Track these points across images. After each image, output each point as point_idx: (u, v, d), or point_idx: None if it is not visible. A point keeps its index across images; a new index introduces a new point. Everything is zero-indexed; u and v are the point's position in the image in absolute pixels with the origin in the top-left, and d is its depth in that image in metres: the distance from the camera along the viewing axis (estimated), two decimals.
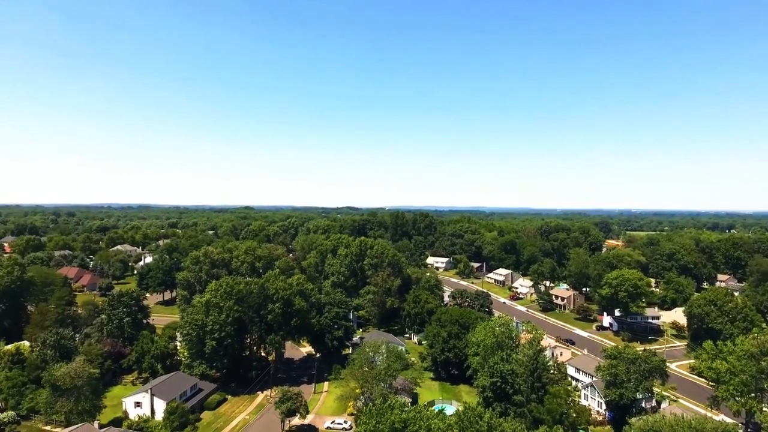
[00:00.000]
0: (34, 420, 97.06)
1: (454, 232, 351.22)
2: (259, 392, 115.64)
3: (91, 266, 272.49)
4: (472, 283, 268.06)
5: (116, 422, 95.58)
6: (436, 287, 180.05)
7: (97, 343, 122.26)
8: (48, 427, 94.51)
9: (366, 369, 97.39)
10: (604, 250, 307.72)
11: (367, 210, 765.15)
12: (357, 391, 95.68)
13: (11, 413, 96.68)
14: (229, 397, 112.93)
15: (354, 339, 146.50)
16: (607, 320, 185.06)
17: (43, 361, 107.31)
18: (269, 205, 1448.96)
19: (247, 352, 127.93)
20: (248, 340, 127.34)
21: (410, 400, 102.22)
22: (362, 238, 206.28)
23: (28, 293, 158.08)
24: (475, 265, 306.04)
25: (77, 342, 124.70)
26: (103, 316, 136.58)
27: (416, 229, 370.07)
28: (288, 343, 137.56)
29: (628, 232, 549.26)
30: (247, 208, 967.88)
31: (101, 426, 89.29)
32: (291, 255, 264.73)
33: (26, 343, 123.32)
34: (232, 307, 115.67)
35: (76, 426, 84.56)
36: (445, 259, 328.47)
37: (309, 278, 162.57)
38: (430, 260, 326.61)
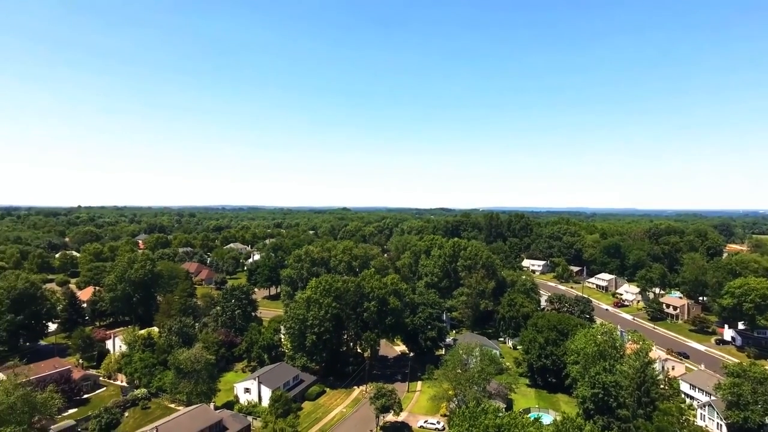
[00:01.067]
0: (161, 398, 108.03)
1: (551, 234, 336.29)
2: (355, 387, 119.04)
3: (208, 262, 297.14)
4: (571, 287, 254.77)
5: (228, 405, 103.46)
6: (532, 291, 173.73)
7: (213, 332, 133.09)
8: (172, 405, 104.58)
9: (459, 371, 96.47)
10: (725, 255, 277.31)
11: (460, 211, 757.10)
12: (450, 392, 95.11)
13: (144, 390, 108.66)
14: (328, 389, 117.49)
15: (447, 340, 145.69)
16: (728, 333, 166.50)
17: (169, 345, 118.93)
18: (365, 207, 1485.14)
19: (344, 348, 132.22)
20: (345, 336, 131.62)
21: (504, 406, 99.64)
22: (455, 239, 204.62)
23: (158, 285, 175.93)
24: (575, 269, 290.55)
25: (196, 330, 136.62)
26: (218, 308, 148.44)
27: (511, 231, 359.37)
28: (383, 341, 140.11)
29: (754, 235, 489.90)
30: (344, 209, 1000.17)
31: (216, 407, 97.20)
32: (386, 255, 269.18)
33: (155, 329, 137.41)
34: (331, 303, 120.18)
35: (195, 406, 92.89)
36: (541, 262, 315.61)
37: (403, 278, 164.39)
38: (526, 263, 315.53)
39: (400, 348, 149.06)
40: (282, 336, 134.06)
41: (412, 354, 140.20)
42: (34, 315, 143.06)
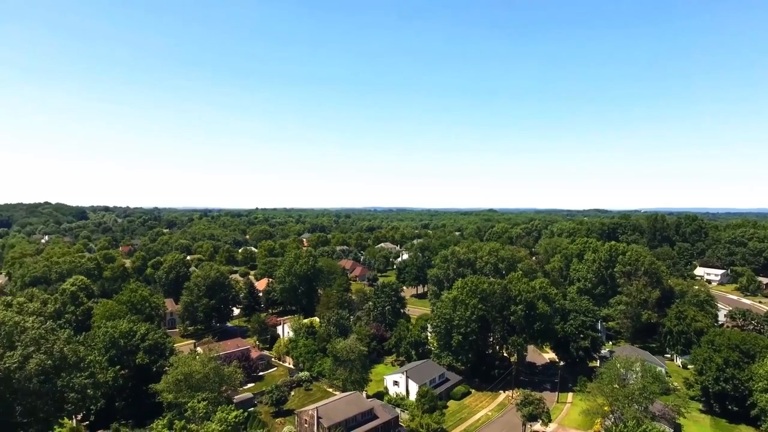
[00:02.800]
0: (321, 382, 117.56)
1: (733, 239, 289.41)
2: (501, 391, 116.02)
3: (361, 260, 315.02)
4: (759, 302, 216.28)
5: (379, 395, 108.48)
6: (707, 303, 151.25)
7: (366, 326, 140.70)
8: (330, 389, 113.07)
9: (616, 386, 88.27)
10: None
11: (617, 212, 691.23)
12: (605, 408, 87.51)
13: (306, 373, 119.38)
14: (473, 391, 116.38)
15: (602, 351, 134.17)
16: None
17: (327, 335, 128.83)
18: (512, 208, 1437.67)
19: (490, 350, 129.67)
20: (491, 339, 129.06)
21: (671, 430, 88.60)
22: (612, 242, 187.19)
23: (318, 279, 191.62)
24: (764, 280, 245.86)
25: (351, 323, 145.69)
26: (370, 303, 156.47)
27: (680, 235, 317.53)
28: (530, 347, 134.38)
29: None
30: (490, 210, 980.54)
31: (368, 396, 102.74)
32: (534, 258, 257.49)
33: (317, 319, 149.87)
34: (477, 305, 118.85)
35: (350, 393, 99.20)
36: (720, 271, 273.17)
37: (552, 283, 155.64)
38: (699, 271, 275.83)
39: (549, 356, 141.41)
40: (429, 334, 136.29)
41: (562, 363, 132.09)
42: (222, 300, 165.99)
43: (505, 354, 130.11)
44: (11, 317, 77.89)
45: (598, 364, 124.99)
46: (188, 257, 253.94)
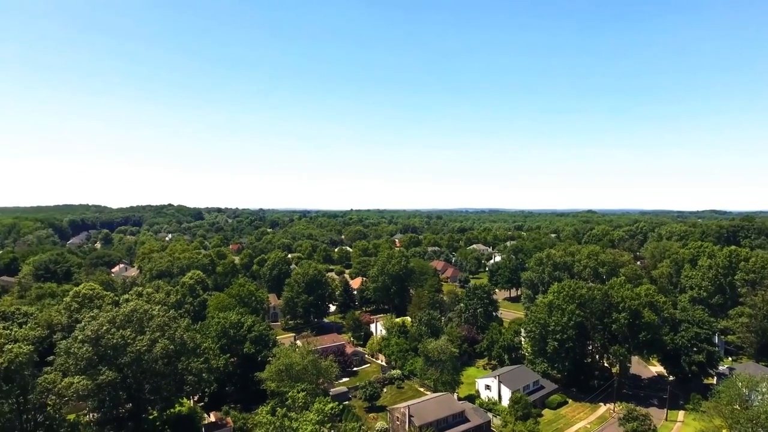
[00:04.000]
0: (413, 380, 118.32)
1: None
2: (602, 404, 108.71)
3: (453, 261, 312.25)
4: None
5: (470, 398, 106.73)
6: None
7: (457, 327, 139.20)
8: (421, 389, 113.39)
9: (737, 407, 79.00)
10: None
11: (738, 214, 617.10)
12: (723, 431, 78.69)
13: (398, 371, 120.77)
14: (570, 401, 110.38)
15: (720, 368, 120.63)
16: None
17: (419, 334, 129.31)
18: (613, 209, 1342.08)
19: (589, 360, 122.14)
20: (590, 348, 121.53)
21: None
22: (733, 247, 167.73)
23: (410, 279, 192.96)
24: None
25: (442, 323, 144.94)
26: (462, 305, 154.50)
27: None
28: (634, 358, 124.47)
29: None
30: (589, 211, 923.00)
31: (459, 398, 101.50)
32: (639, 263, 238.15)
33: (408, 319, 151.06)
34: (574, 311, 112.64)
35: (441, 393, 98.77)
36: None
37: (660, 290, 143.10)
38: None
39: (656, 369, 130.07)
40: (522, 339, 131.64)
41: (671, 378, 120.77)
42: (320, 297, 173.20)
43: (605, 364, 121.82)
44: (142, 305, 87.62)
45: (714, 382, 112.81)
46: (289, 255, 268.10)
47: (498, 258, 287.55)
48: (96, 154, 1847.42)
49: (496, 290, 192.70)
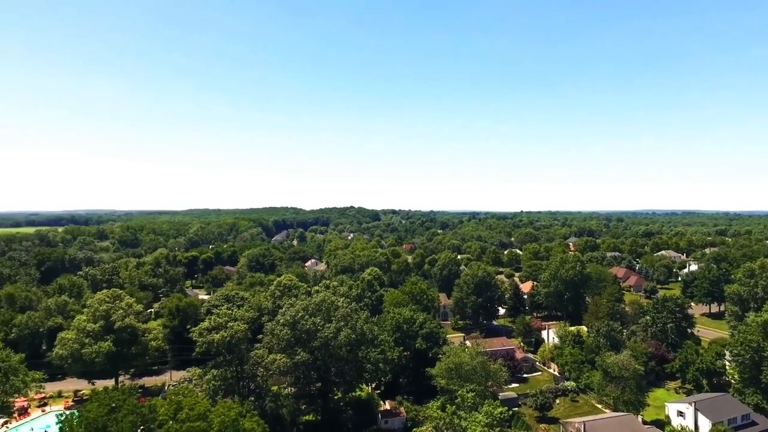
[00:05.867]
0: (589, 395, 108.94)
1: None
2: None
3: (636, 268, 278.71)
4: None
5: (658, 424, 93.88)
6: None
7: (642, 342, 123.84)
8: (599, 405, 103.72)
9: None
10: None
11: None
12: None
13: (573, 383, 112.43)
14: None
15: None
16: None
17: (596, 346, 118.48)
18: None
19: None
20: None
21: None
22: None
23: (586, 286, 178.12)
24: None
25: (624, 336, 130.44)
26: (648, 318, 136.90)
27: None
28: None
29: None
30: None
31: (644, 422, 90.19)
32: None
33: (584, 328, 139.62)
34: None
35: (622, 414, 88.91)
36: None
37: None
38: None
39: None
40: (727, 363, 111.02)
41: None
42: (489, 299, 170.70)
43: None
44: (329, 297, 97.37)
45: None
46: (458, 256, 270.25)
47: (694, 267, 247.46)
48: (292, 166, 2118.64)
49: (692, 304, 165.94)
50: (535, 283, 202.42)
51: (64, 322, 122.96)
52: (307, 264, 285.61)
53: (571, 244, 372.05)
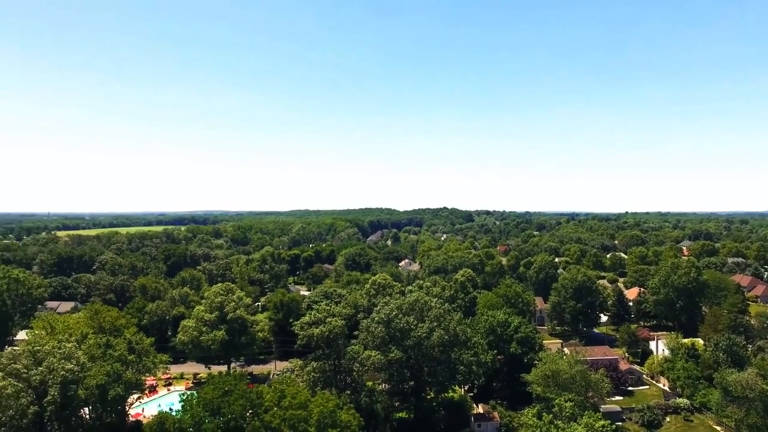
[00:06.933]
0: (705, 415, 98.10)
1: None
2: None
3: (765, 277, 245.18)
4: None
5: None
6: None
7: None
8: (718, 428, 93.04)
9: None
10: None
11: None
12: None
13: (686, 401, 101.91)
14: None
15: None
16: None
17: (715, 362, 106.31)
18: None
19: None
20: None
21: None
22: None
23: (702, 295, 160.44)
24: None
25: (749, 353, 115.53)
26: None
27: None
28: None
29: None
30: None
31: None
32: None
33: (700, 341, 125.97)
34: None
35: None
36: None
37: None
38: None
39: None
40: None
41: None
42: (589, 305, 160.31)
43: None
44: (422, 297, 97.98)
45: None
46: (556, 259, 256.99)
47: None
48: (387, 167, 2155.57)
49: None
50: (641, 289, 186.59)
51: (185, 311, 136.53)
52: (400, 264, 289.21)
53: (684, 248, 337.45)
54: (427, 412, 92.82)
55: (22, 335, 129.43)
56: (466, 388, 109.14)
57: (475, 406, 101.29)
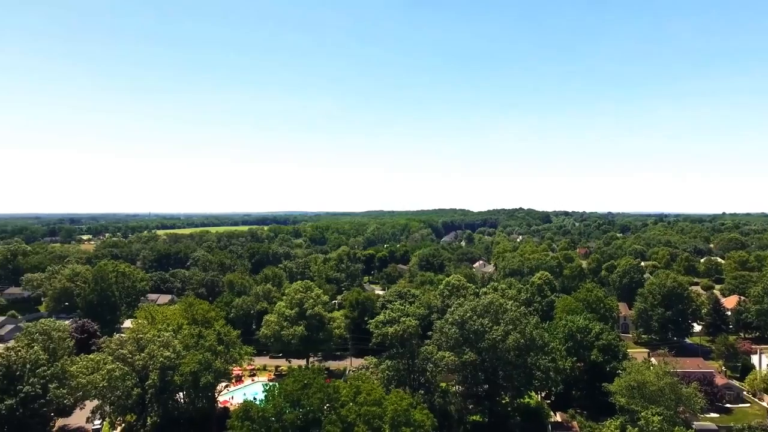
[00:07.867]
0: None
1: None
2: None
3: None
4: None
5: None
6: None
7: None
8: None
9: None
10: None
11: None
12: None
13: None
14: None
15: None
16: None
17: None
18: None
19: None
20: None
21: None
22: None
23: None
24: None
25: None
26: None
27: None
28: None
29: None
30: None
31: None
32: None
33: None
34: None
35: None
36: None
37: None
38: None
39: None
40: None
41: None
42: (680, 313, 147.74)
43: None
44: (497, 299, 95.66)
45: None
46: (642, 263, 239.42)
47: None
48: (461, 167, 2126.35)
49: None
50: (742, 297, 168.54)
51: (268, 306, 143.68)
52: (474, 265, 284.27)
53: None
54: (501, 416, 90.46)
55: (127, 323, 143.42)
56: (543, 394, 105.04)
57: (552, 413, 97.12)
